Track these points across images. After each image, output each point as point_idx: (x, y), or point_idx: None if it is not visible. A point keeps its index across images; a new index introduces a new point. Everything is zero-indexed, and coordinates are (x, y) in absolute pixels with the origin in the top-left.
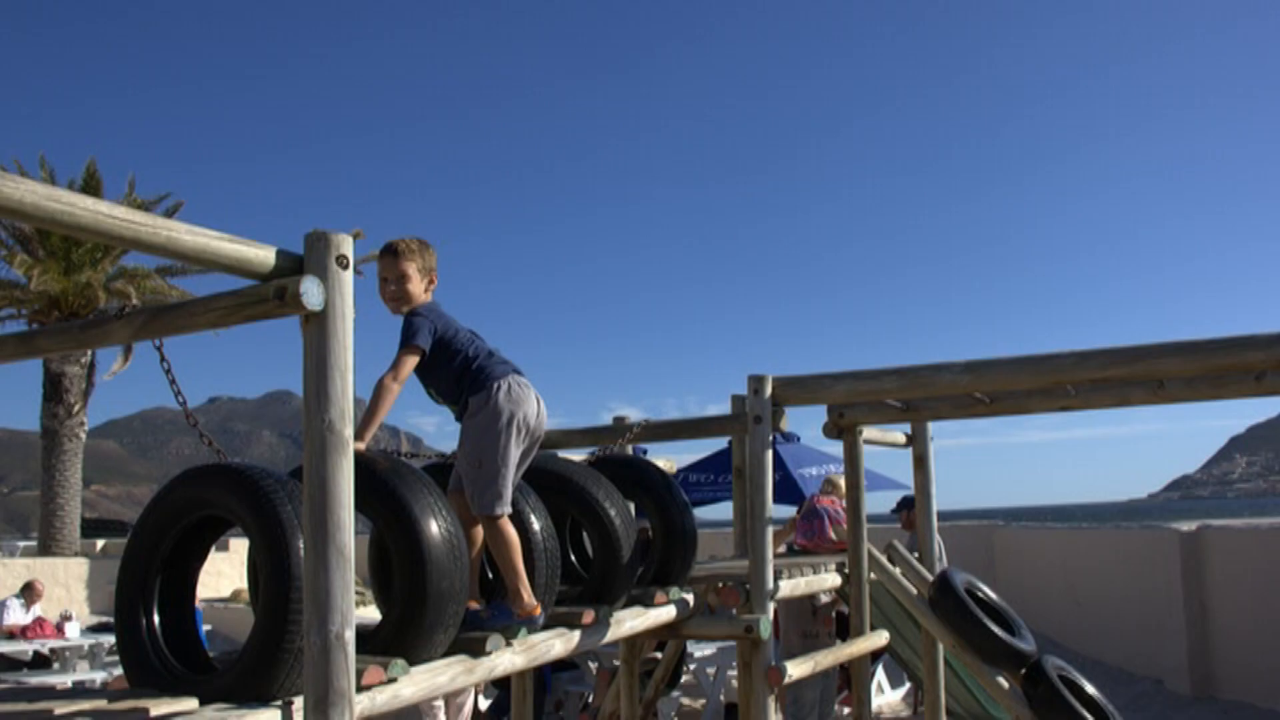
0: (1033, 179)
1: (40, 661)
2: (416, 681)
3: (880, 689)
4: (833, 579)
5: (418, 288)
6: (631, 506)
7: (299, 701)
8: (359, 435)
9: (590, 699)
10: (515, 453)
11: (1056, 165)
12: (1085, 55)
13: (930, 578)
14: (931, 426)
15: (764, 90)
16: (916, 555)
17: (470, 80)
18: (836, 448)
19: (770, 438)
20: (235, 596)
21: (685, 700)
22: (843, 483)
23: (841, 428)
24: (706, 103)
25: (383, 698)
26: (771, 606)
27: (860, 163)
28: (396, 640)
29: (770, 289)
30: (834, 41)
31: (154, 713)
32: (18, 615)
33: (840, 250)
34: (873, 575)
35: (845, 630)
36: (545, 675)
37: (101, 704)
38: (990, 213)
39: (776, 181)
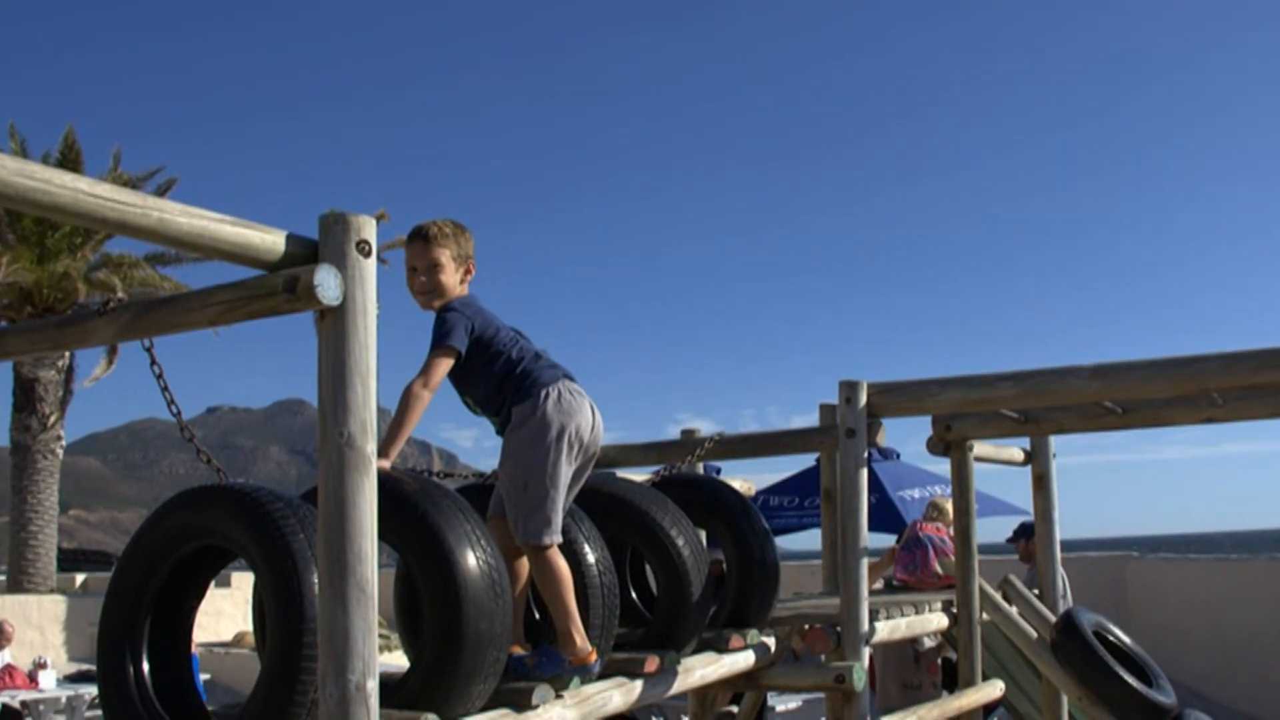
0: (1179, 148)
1: (9, 716)
2: None
3: None
4: (938, 620)
5: (452, 279)
6: (702, 535)
7: None
8: (383, 451)
9: None
10: (566, 472)
11: (1203, 132)
12: (1215, 21)
13: (1052, 618)
14: (1054, 441)
15: (858, 47)
16: (1036, 592)
17: (514, 34)
18: (943, 466)
19: (865, 454)
20: (238, 640)
21: None
22: (950, 507)
23: (949, 443)
24: (791, 63)
25: None
26: (867, 652)
27: (969, 134)
28: (427, 691)
29: (866, 282)
30: None
31: None
32: None
33: (947, 237)
34: (985, 615)
35: (953, 680)
36: None
37: None
38: (1123, 190)
39: (873, 157)
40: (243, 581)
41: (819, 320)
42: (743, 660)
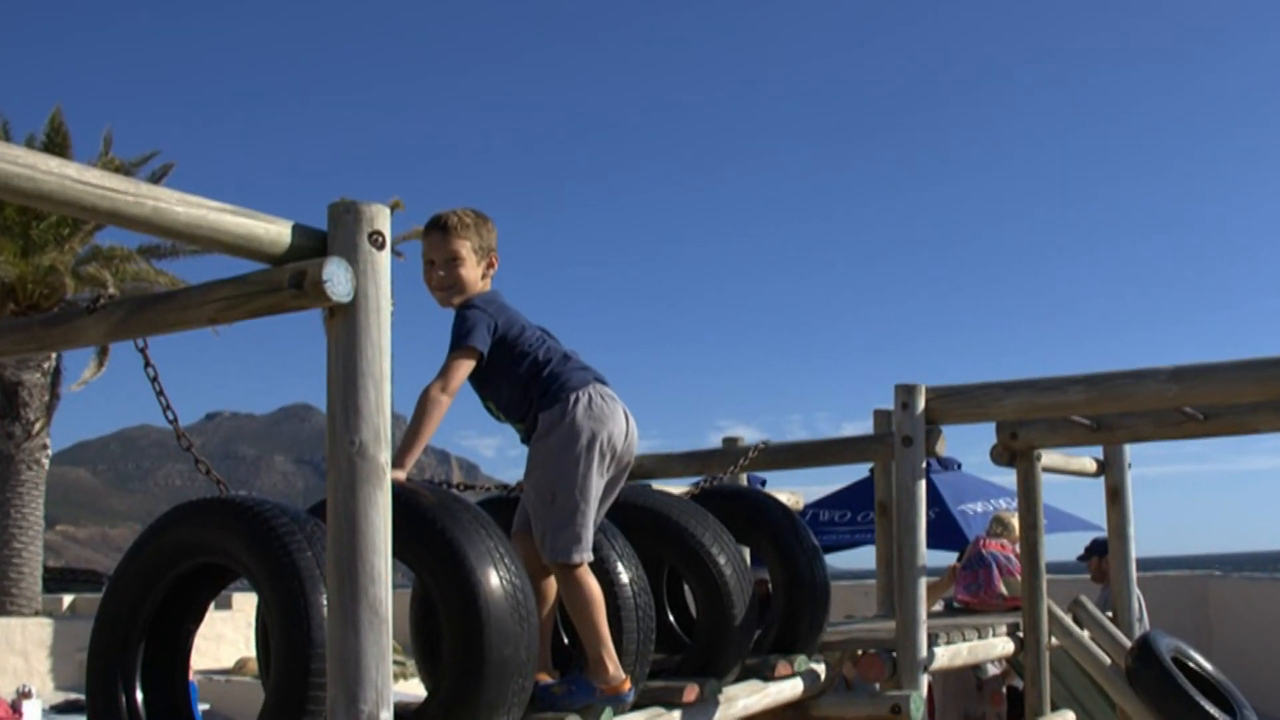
0: (1259, 135)
1: None
2: None
3: None
4: (1003, 645)
5: (473, 273)
6: (746, 552)
7: None
8: (398, 461)
9: None
10: (598, 483)
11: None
12: None
13: (1127, 643)
14: (1130, 450)
15: (914, 18)
16: (1110, 614)
17: (535, 5)
18: (1009, 477)
19: (924, 464)
20: (240, 667)
21: None
22: (1016, 522)
23: (1015, 452)
24: (838, 40)
25: None
26: (925, 680)
27: (1037, 120)
28: None
29: (925, 278)
30: None
31: None
32: None
33: (1012, 225)
34: (1054, 640)
35: (1019, 711)
36: None
37: None
38: (1205, 176)
39: (935, 141)
40: (245, 603)
41: (873, 319)
42: (790, 689)
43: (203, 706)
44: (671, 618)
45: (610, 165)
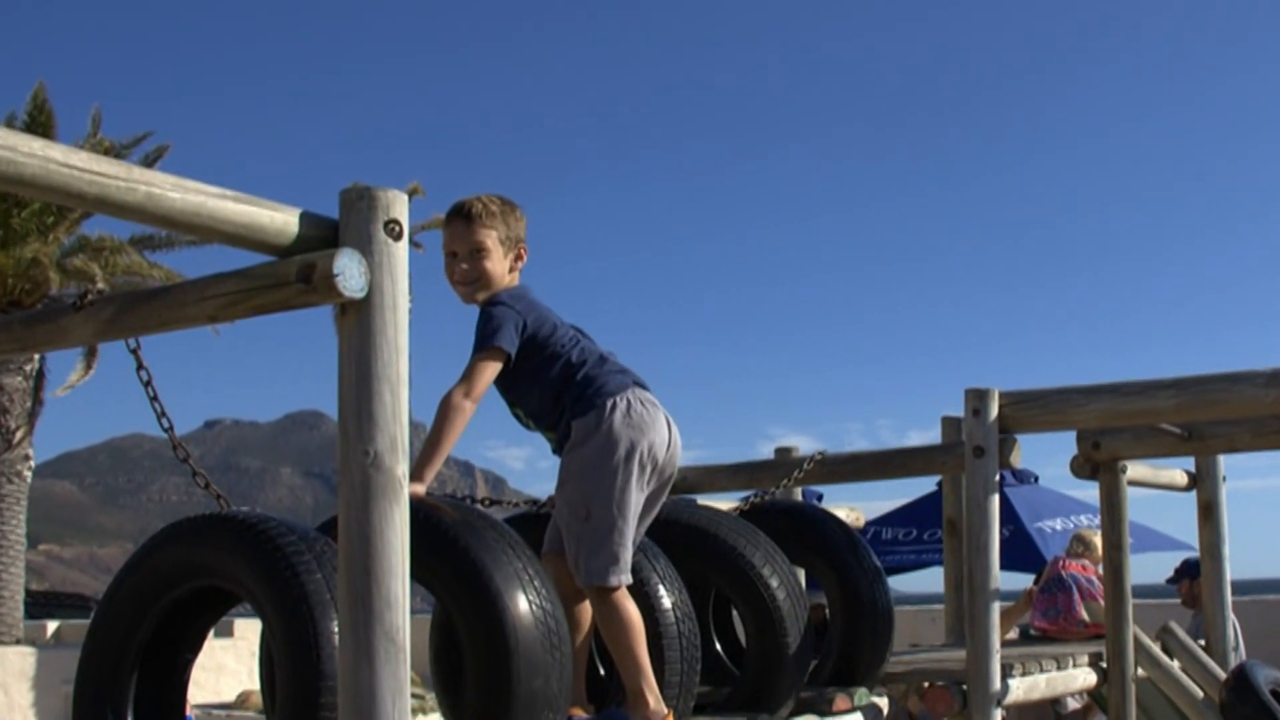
0: None
1: None
2: None
3: None
4: (1084, 676)
5: (499, 266)
6: (801, 574)
7: None
8: (417, 474)
9: None
10: (637, 498)
11: None
12: None
13: (1222, 674)
14: (1224, 461)
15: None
16: (1202, 643)
17: None
18: (1091, 491)
19: (997, 477)
20: (242, 701)
21: None
22: (1099, 541)
23: (1097, 463)
24: (900, 9)
25: None
26: (998, 715)
27: (1120, 105)
28: None
29: (997, 274)
30: None
31: None
32: None
33: (1093, 216)
34: (1140, 671)
35: None
36: None
37: None
38: None
39: (1005, 121)
40: (248, 630)
41: (941, 318)
42: None
43: None
44: (718, 646)
45: (651, 148)
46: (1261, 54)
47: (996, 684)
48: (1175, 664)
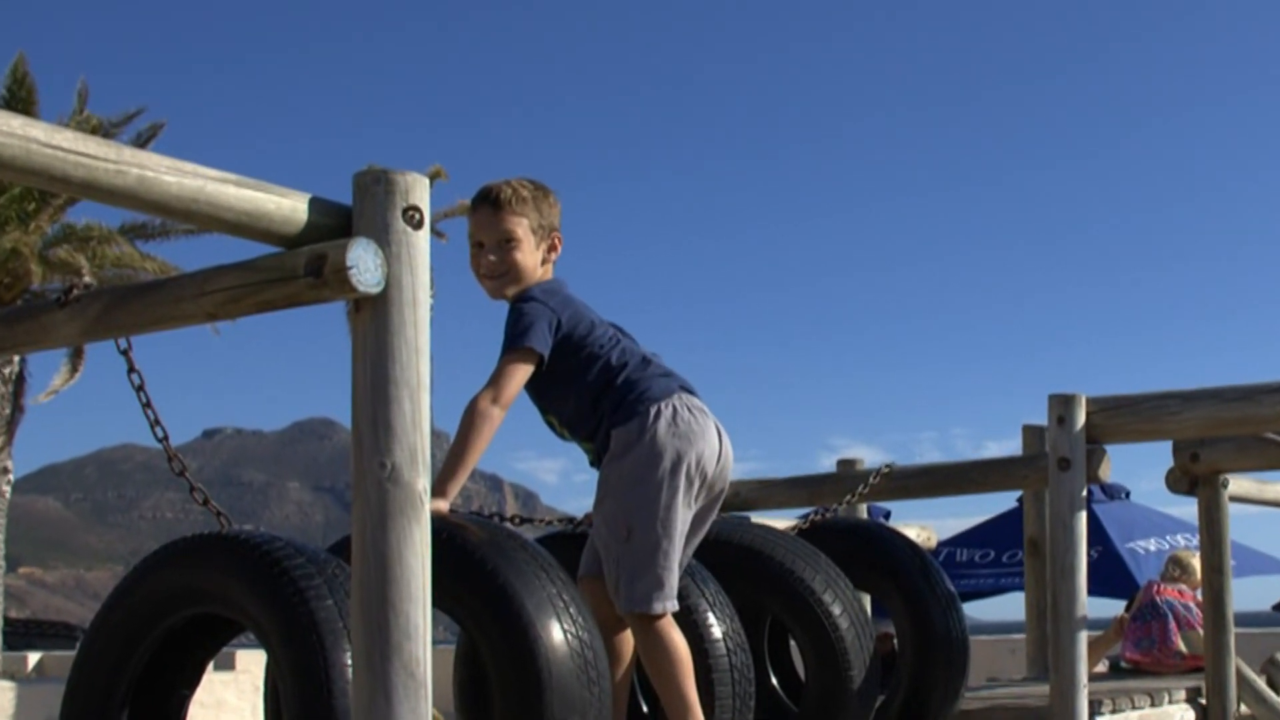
0: None
1: None
2: None
3: None
4: (1181, 713)
5: (531, 257)
6: (866, 600)
7: None
8: (440, 489)
9: None
10: (684, 516)
11: None
12: None
13: None
14: None
15: None
16: None
17: None
18: (1188, 508)
19: (1085, 493)
20: None
21: None
22: (1197, 564)
23: (1196, 477)
24: None
25: None
26: None
27: (1206, 84)
28: None
29: (1083, 267)
30: None
31: None
32: None
33: (1191, 205)
34: (1243, 707)
35: None
36: None
37: None
38: None
39: (1088, 103)
40: (251, 663)
41: (1023, 316)
42: None
43: None
44: (774, 680)
45: (700, 127)
46: None
47: None
48: None
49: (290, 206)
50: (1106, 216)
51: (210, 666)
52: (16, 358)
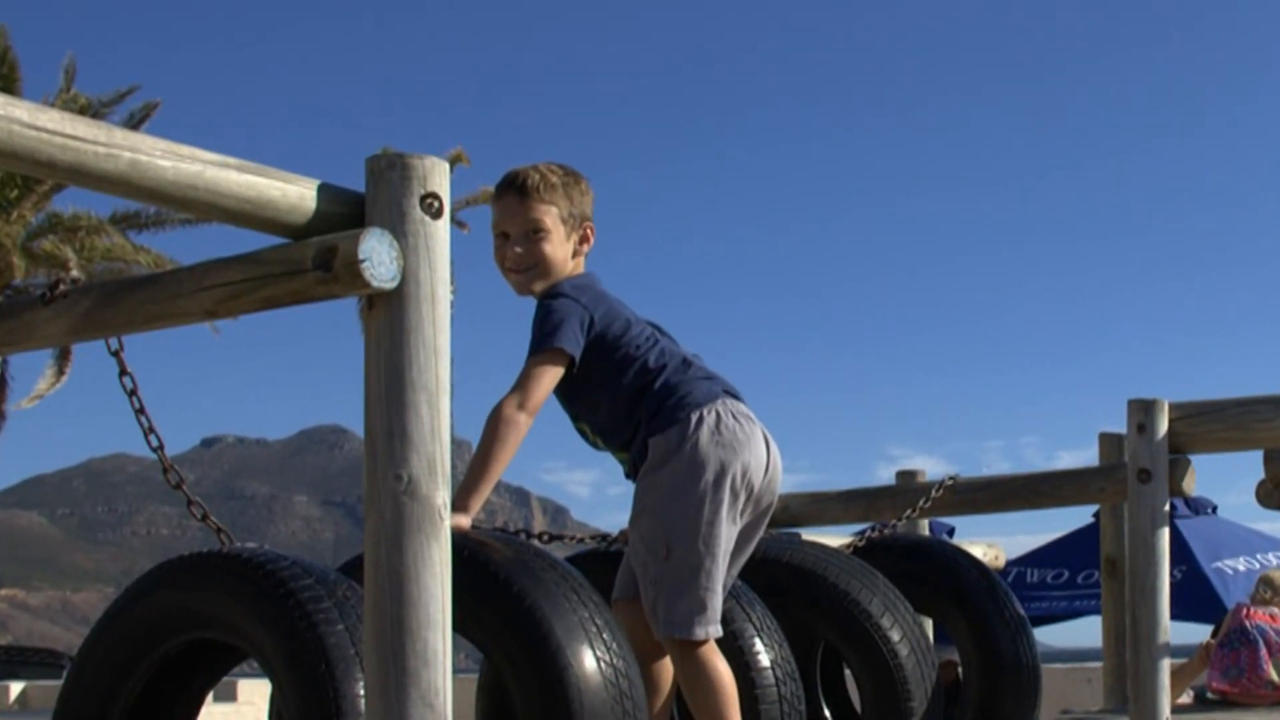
0: None
1: None
2: None
3: None
4: None
5: (561, 250)
6: (928, 625)
7: None
8: (461, 503)
9: None
10: (729, 533)
11: None
12: None
13: None
14: None
15: None
16: None
17: None
18: None
19: (1167, 507)
20: None
21: None
22: None
23: None
24: None
25: None
26: None
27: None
28: None
29: (1163, 261)
30: None
31: None
32: None
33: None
34: None
35: None
36: None
37: None
38: None
39: (1164, 84)
40: (254, 693)
41: (1099, 315)
42: None
43: None
44: (827, 713)
45: (748, 108)
46: None
47: None
48: None
49: (297, 194)
50: (1192, 209)
51: (209, 698)
52: None
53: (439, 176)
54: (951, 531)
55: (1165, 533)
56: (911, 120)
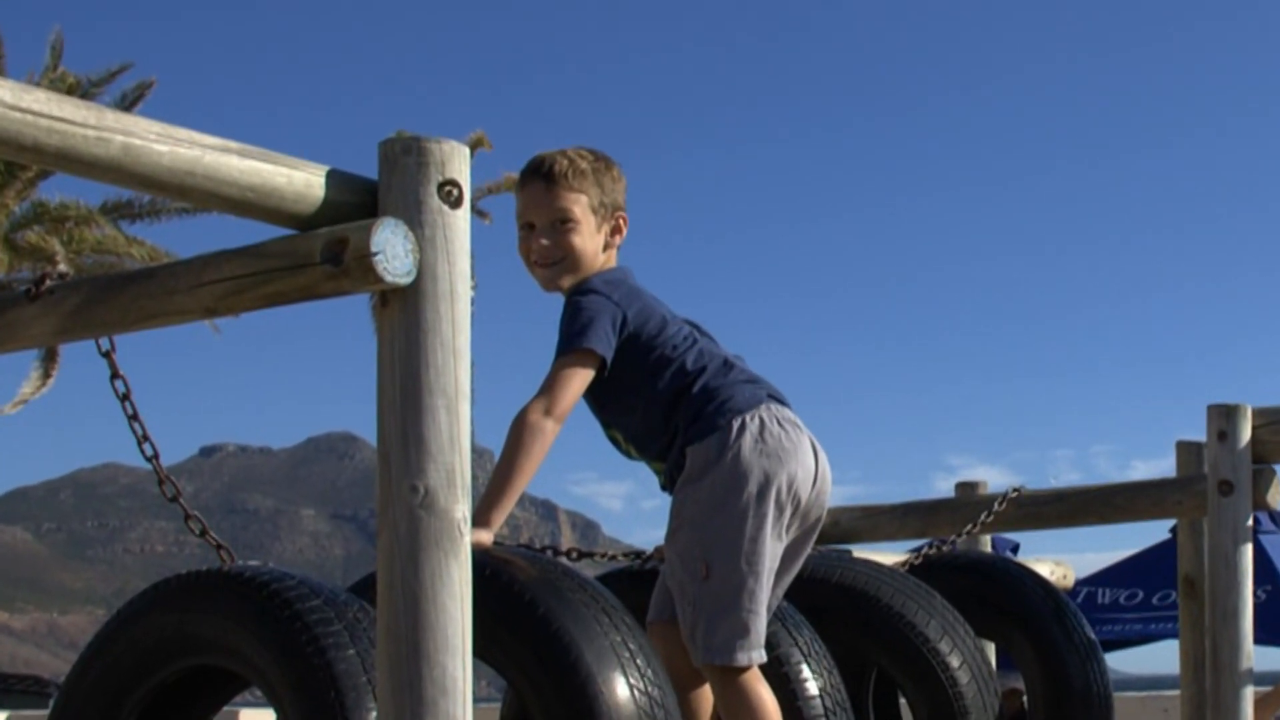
0: None
1: None
2: None
3: None
4: None
5: (591, 242)
6: (991, 650)
7: None
8: (483, 517)
9: None
10: (774, 550)
11: None
12: None
13: None
14: None
15: None
16: None
17: None
18: None
19: (1250, 521)
20: None
21: None
22: None
23: None
24: None
25: None
26: None
27: None
28: None
29: (1246, 259)
30: None
31: None
32: None
33: None
34: None
35: None
36: None
37: None
38: None
39: (1241, 73)
40: None
41: (1177, 316)
42: None
43: None
44: None
45: (787, 92)
46: None
47: None
48: None
49: (304, 181)
50: (1274, 204)
51: None
52: None
53: (458, 162)
54: (1016, 548)
55: (1248, 549)
56: (975, 106)
